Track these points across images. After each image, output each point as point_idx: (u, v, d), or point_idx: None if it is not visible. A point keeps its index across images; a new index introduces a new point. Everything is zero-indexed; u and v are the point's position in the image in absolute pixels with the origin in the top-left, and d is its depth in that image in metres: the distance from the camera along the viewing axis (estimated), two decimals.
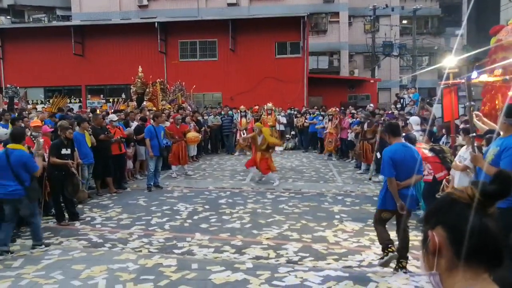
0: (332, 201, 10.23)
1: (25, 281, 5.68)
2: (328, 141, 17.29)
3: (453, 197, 1.36)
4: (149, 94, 18.22)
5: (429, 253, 1.35)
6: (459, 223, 1.30)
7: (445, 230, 1.32)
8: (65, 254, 6.72)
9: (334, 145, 17.04)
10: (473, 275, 1.27)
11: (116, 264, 6.20)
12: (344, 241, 7.30)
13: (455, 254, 1.29)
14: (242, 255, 6.64)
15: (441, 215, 1.35)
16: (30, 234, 7.16)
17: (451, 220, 1.32)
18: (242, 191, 11.34)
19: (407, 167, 5.74)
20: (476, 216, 1.29)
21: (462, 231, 1.28)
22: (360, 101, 27.47)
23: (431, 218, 1.38)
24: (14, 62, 27.43)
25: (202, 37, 27.05)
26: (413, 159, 5.80)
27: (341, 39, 33.75)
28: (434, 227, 1.35)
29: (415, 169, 5.74)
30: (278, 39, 26.64)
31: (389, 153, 5.83)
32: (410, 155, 5.83)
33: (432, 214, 1.38)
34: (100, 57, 26.83)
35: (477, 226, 1.28)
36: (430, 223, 1.37)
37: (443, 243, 1.31)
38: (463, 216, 1.30)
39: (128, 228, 8.18)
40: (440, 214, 1.35)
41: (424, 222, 1.42)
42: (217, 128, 19.25)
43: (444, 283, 1.32)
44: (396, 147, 5.89)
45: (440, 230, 1.33)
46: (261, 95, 23.56)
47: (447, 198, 1.37)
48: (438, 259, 1.32)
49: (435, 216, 1.36)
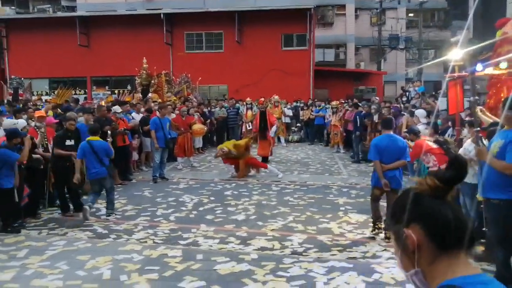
0: (337, 193, 10.22)
1: (30, 271, 5.71)
2: (333, 133, 17.29)
3: (415, 191, 1.35)
4: (154, 86, 18.24)
5: (408, 252, 1.32)
6: (432, 215, 1.30)
7: (421, 226, 1.30)
8: (70, 244, 6.75)
9: (340, 137, 17.02)
10: (454, 260, 1.28)
11: (121, 255, 6.22)
12: (348, 232, 7.30)
13: (437, 246, 1.29)
14: (247, 246, 6.65)
15: (411, 212, 1.32)
16: (106, 204, 8.70)
17: (423, 214, 1.31)
18: (248, 183, 11.34)
19: (390, 153, 6.88)
20: (445, 204, 1.31)
21: (438, 222, 1.29)
22: (366, 94, 27.39)
23: (400, 216, 1.34)
24: (19, 53, 27.46)
25: (208, 29, 26.98)
26: (397, 147, 6.92)
27: (347, 32, 33.60)
28: (408, 225, 1.31)
29: (399, 155, 6.91)
30: (284, 31, 26.53)
31: (375, 141, 7.16)
32: (394, 144, 6.93)
33: (400, 213, 1.35)
34: (105, 48, 26.82)
35: (450, 213, 1.29)
36: (400, 222, 1.34)
37: (421, 239, 1.29)
38: (433, 207, 1.31)
39: (133, 219, 8.20)
40: (410, 211, 1.32)
41: (392, 222, 1.39)
42: (223, 120, 19.24)
43: (427, 278, 1.31)
44: (382, 137, 7.11)
45: (416, 227, 1.30)
46: (267, 88, 23.50)
47: (410, 194, 1.35)
48: (419, 256, 1.30)
49: (403, 214, 1.33)
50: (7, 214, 7.53)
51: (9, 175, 7.37)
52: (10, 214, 7.55)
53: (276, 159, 15.17)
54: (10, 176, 7.38)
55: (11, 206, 7.49)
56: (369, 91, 28.61)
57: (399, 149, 6.93)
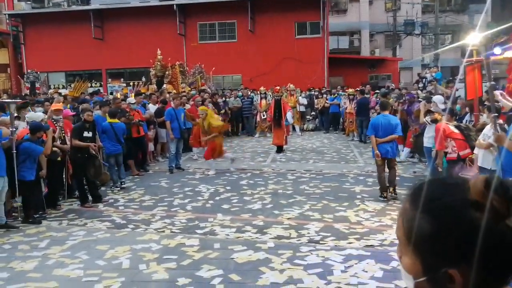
0: (353, 181, 10.18)
1: (51, 261, 5.82)
2: (349, 121, 17.20)
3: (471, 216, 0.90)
4: (169, 77, 18.29)
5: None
6: (495, 256, 0.89)
7: (471, 268, 0.89)
8: (89, 235, 6.86)
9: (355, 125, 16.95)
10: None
11: (140, 245, 6.30)
12: (365, 220, 7.28)
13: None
14: (264, 235, 6.68)
15: (465, 245, 0.90)
16: (119, 175, 10.17)
17: (478, 255, 0.89)
18: (263, 172, 11.35)
19: (385, 130, 8.42)
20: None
21: (501, 263, 0.90)
22: (381, 81, 27.13)
23: (446, 249, 0.92)
24: (35, 47, 27.67)
25: (221, 19, 26.89)
26: (389, 124, 8.47)
27: (361, 19, 33.22)
28: (455, 266, 0.91)
29: (392, 131, 8.43)
30: (297, 19, 26.33)
31: (372, 120, 9.11)
32: (387, 122, 8.49)
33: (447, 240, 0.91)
34: (120, 41, 26.90)
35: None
36: (444, 257, 0.92)
37: (467, 280, 0.91)
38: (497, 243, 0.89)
39: (151, 210, 8.28)
40: (464, 243, 0.90)
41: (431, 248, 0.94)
42: (237, 110, 19.23)
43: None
44: (378, 117, 8.89)
45: (465, 268, 0.90)
46: (281, 76, 23.38)
47: (463, 214, 0.91)
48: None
49: (451, 245, 0.91)
50: (29, 205, 7.66)
51: (31, 167, 7.50)
52: (32, 205, 7.69)
53: (291, 148, 15.15)
54: (32, 169, 7.52)
55: (34, 198, 7.64)
56: (384, 78, 28.34)
57: (391, 126, 8.46)
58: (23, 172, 7.39)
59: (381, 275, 5.09)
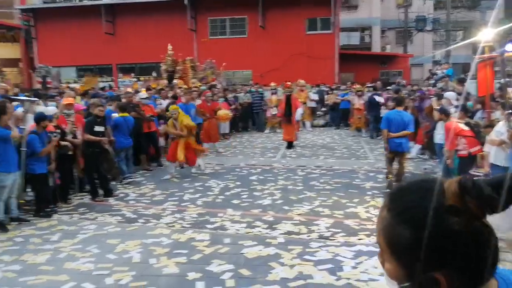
0: (364, 177, 10.15)
1: (63, 254, 5.86)
2: (356, 117, 17.12)
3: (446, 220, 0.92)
4: (180, 72, 18.32)
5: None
6: (475, 259, 0.92)
7: (454, 271, 0.92)
8: (100, 229, 6.90)
9: (364, 121, 16.91)
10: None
11: (150, 239, 6.32)
12: (376, 217, 7.22)
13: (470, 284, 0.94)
14: (274, 231, 6.68)
15: (445, 249, 0.92)
16: (128, 169, 10.33)
17: (459, 257, 0.91)
18: (273, 168, 11.35)
19: (397, 125, 8.73)
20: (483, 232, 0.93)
21: (480, 264, 0.93)
22: (392, 77, 27.00)
23: (428, 253, 0.92)
24: (46, 42, 27.82)
25: (231, 14, 26.85)
26: (402, 120, 8.76)
27: (372, 14, 33.01)
28: (438, 269, 0.92)
29: (405, 127, 8.70)
30: (308, 15, 26.22)
31: (386, 115, 9.33)
32: (399, 117, 8.80)
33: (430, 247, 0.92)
34: (130, 36, 26.95)
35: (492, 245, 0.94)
36: (426, 263, 0.93)
37: (451, 283, 0.93)
38: (476, 247, 0.92)
39: (161, 204, 8.31)
40: (444, 248, 0.92)
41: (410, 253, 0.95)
42: (248, 106, 19.23)
43: None
44: (392, 112, 9.21)
45: (446, 272, 0.92)
46: (291, 72, 23.32)
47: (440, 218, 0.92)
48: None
49: (433, 249, 0.92)
50: (40, 198, 7.72)
51: (42, 161, 7.55)
52: (43, 198, 7.75)
53: (301, 143, 15.12)
54: (42, 162, 7.56)
55: (44, 191, 7.70)
56: (395, 74, 28.18)
57: (403, 122, 8.74)
58: (33, 166, 7.44)
59: None
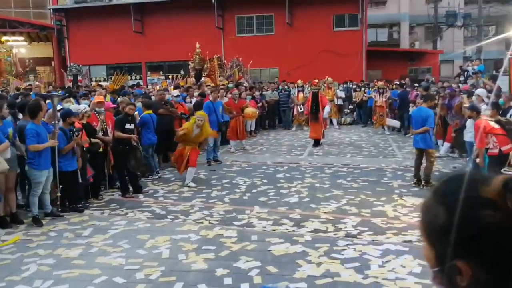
0: (391, 176, 10.08)
1: (94, 249, 6.02)
2: (379, 114, 16.95)
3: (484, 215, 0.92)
4: (207, 70, 18.47)
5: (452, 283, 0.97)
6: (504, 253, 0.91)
7: (480, 263, 0.93)
8: (130, 224, 7.05)
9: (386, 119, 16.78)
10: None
11: (179, 235, 6.44)
12: (404, 216, 7.20)
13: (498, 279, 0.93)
14: (301, 228, 6.71)
15: (473, 240, 0.93)
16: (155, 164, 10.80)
17: (488, 250, 0.92)
18: (300, 166, 11.36)
19: (415, 122, 9.06)
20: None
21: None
22: (421, 74, 26.63)
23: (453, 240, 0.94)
24: (77, 41, 28.38)
25: (258, 12, 26.89)
26: (420, 116, 8.93)
27: (401, 10, 32.59)
28: (464, 259, 0.94)
29: (423, 123, 8.80)
30: (335, 11, 26.07)
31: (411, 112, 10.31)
32: (418, 114, 9.04)
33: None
34: (159, 34, 27.26)
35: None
36: (454, 250, 0.94)
37: (476, 275, 0.94)
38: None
39: (190, 201, 8.43)
40: (472, 238, 0.93)
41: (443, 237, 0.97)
42: (274, 104, 19.25)
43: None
44: (416, 109, 9.62)
45: (474, 263, 0.93)
46: (318, 69, 23.22)
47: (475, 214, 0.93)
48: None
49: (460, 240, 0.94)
50: (68, 195, 7.93)
51: (69, 158, 7.72)
52: (71, 195, 7.95)
53: (328, 141, 15.08)
54: (70, 160, 7.73)
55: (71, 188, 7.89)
56: (424, 71, 27.78)
57: (421, 118, 8.86)
58: (61, 163, 7.62)
59: (419, 271, 5.04)
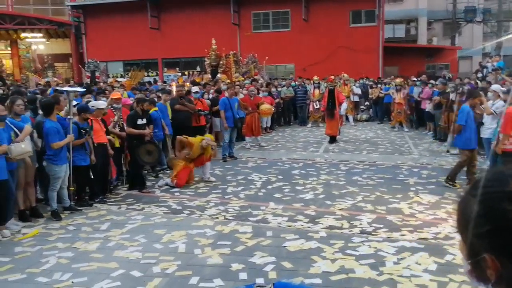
0: (407, 173, 10.03)
1: (112, 243, 6.11)
2: (397, 111, 16.84)
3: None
4: (223, 66, 18.53)
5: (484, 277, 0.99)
6: None
7: (505, 256, 0.94)
8: (147, 219, 7.13)
9: (404, 116, 16.67)
10: None
11: (195, 230, 6.50)
12: (419, 213, 7.18)
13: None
14: (316, 225, 6.72)
15: (500, 234, 0.94)
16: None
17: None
18: (315, 163, 11.36)
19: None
20: None
21: None
22: (438, 71, 26.33)
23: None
24: (95, 37, 28.69)
25: (274, 8, 26.87)
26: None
27: (419, 6, 32.26)
28: (493, 252, 0.95)
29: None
30: (352, 7, 25.92)
31: None
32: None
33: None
34: (175, 30, 27.42)
35: None
36: (482, 243, 0.96)
37: (501, 268, 0.95)
38: None
39: (205, 196, 8.50)
40: (499, 232, 0.94)
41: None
42: (290, 100, 19.24)
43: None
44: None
45: (499, 259, 0.95)
46: (335, 66, 23.16)
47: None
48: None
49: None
50: (82, 189, 8.05)
51: (82, 153, 7.82)
52: (85, 189, 8.07)
53: (344, 138, 15.04)
54: (82, 155, 7.82)
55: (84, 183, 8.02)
56: (442, 68, 27.49)
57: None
58: (75, 158, 7.70)
59: (434, 268, 5.03)
